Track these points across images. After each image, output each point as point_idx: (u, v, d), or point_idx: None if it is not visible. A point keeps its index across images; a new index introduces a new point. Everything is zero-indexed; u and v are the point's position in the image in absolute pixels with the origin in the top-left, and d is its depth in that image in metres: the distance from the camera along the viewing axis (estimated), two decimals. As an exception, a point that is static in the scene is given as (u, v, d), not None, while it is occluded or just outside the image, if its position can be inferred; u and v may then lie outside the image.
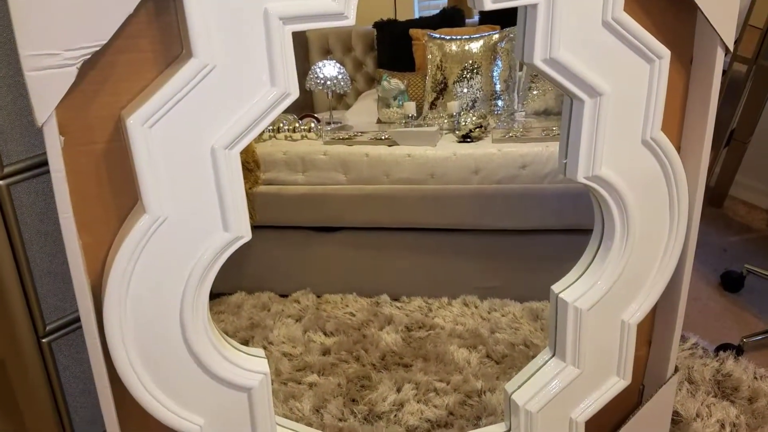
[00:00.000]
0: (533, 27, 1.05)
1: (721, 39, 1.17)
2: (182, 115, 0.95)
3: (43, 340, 1.29)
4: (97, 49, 0.89)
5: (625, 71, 1.13)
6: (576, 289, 1.29)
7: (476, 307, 2.27)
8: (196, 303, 1.06)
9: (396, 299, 2.35)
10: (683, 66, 1.23)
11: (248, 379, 1.14)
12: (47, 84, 0.88)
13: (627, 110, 1.16)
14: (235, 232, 1.03)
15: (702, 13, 1.14)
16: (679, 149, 1.27)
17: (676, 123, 1.26)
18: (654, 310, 1.39)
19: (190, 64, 0.92)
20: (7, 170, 1.18)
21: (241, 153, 1.00)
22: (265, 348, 2.08)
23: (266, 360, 1.18)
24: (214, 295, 2.43)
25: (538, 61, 1.07)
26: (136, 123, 0.92)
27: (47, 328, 1.29)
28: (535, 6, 1.04)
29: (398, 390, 1.85)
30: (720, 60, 1.20)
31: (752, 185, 2.76)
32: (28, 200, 1.21)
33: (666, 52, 1.14)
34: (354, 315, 2.25)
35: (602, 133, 1.15)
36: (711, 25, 1.15)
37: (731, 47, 1.19)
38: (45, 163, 1.02)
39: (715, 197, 2.76)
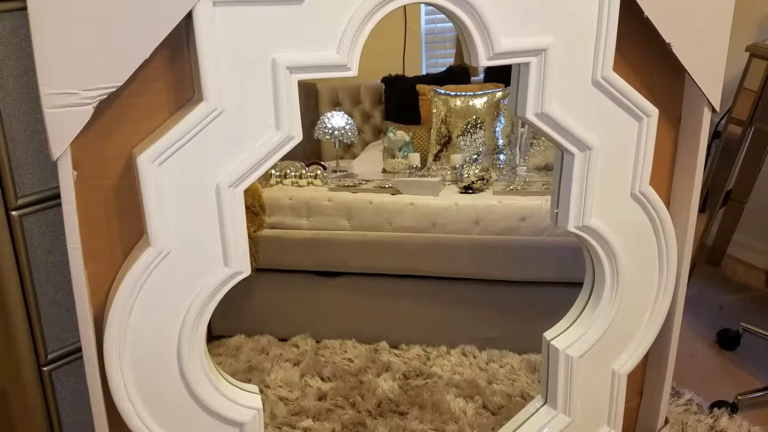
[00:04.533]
0: (526, 83, 1.11)
1: (708, 99, 1.23)
2: (190, 154, 1.00)
3: (44, 369, 1.31)
4: (114, 90, 0.95)
5: (614, 127, 1.18)
6: (567, 336, 1.31)
7: (474, 357, 2.27)
8: (194, 335, 1.09)
9: (395, 346, 2.35)
10: (672, 124, 1.28)
11: (241, 414, 1.16)
12: (64, 121, 0.94)
13: (616, 164, 1.21)
14: (235, 267, 1.07)
15: (689, 74, 1.20)
16: (668, 204, 1.31)
17: (665, 178, 1.31)
18: (645, 362, 1.41)
19: (201, 107, 0.98)
20: (20, 201, 1.23)
21: (248, 197, 1.05)
22: (261, 391, 2.08)
23: (260, 396, 1.20)
24: (214, 338, 2.44)
25: (530, 115, 1.13)
26: (146, 160, 0.98)
27: (49, 357, 1.31)
28: (527, 64, 1.10)
29: (392, 437, 1.84)
30: (707, 119, 1.25)
31: (750, 245, 2.79)
32: (39, 231, 1.25)
33: (654, 111, 1.19)
34: (352, 361, 2.26)
35: (592, 186, 1.19)
36: (698, 86, 1.21)
37: (717, 107, 1.24)
38: (57, 196, 1.07)
39: (713, 256, 2.78)
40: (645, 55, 1.20)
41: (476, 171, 2.32)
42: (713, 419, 1.84)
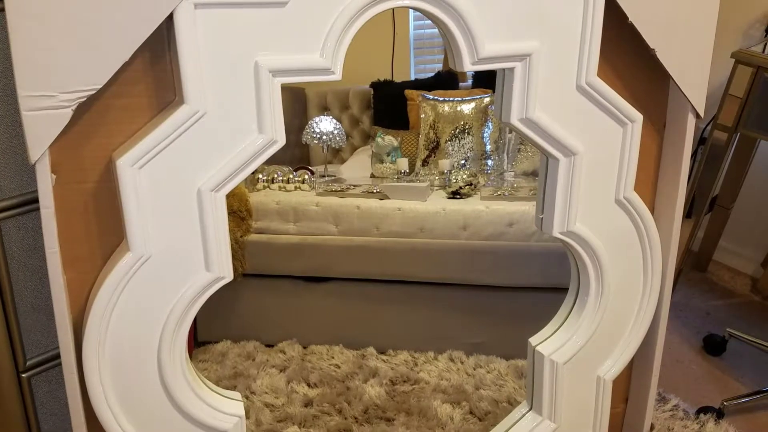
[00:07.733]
0: (510, 88, 1.11)
1: (692, 105, 1.23)
2: (171, 157, 0.99)
3: (23, 375, 1.30)
4: (92, 92, 0.93)
5: (598, 133, 1.18)
6: (552, 342, 1.31)
7: (462, 363, 2.27)
8: (175, 341, 1.07)
9: (382, 352, 2.34)
10: (656, 130, 1.28)
11: (223, 422, 1.15)
12: (42, 124, 0.92)
13: (600, 170, 1.20)
14: (217, 272, 1.06)
15: (673, 80, 1.20)
16: (653, 209, 1.31)
17: (650, 184, 1.31)
18: (630, 367, 1.40)
19: (182, 109, 0.97)
20: (-2, 206, 1.22)
21: (235, 201, 1.04)
22: (247, 398, 2.07)
23: (242, 403, 1.19)
24: (199, 343, 2.43)
25: (514, 120, 1.13)
26: (125, 164, 0.96)
27: (28, 363, 1.30)
28: (512, 69, 1.10)
29: (379, 444, 1.83)
30: (692, 125, 1.25)
31: (736, 251, 2.80)
32: (18, 235, 1.24)
33: (638, 116, 1.19)
34: (339, 367, 2.25)
35: (576, 191, 1.19)
36: (682, 92, 1.21)
37: (702, 113, 1.25)
38: (36, 200, 1.06)
39: (700, 262, 2.79)
40: (629, 60, 1.20)
41: (464, 176, 2.32)
42: (699, 425, 1.84)
